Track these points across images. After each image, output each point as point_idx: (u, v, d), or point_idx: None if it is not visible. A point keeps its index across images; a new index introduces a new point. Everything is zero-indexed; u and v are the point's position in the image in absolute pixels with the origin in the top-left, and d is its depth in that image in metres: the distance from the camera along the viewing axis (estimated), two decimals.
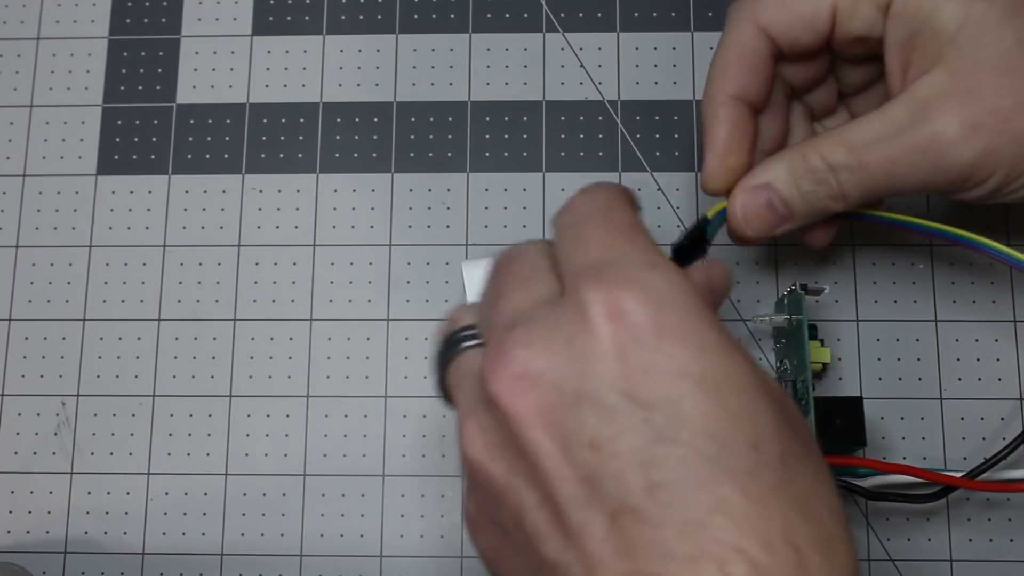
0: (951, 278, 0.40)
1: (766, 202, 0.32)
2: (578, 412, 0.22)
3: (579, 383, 0.23)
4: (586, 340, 0.23)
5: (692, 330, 0.23)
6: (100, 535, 0.39)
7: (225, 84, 0.43)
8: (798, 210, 0.32)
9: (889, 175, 0.31)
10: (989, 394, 0.39)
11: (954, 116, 0.30)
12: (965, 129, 0.30)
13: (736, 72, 0.33)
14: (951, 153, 0.30)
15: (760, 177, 0.32)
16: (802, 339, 0.36)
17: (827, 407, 0.36)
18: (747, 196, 0.32)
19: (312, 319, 0.41)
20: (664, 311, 0.23)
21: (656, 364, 0.22)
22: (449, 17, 0.43)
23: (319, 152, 0.42)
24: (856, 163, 0.31)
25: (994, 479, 0.36)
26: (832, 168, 0.31)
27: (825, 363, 0.37)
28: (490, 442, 0.24)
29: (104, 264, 0.41)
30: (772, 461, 0.22)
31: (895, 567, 0.38)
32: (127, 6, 0.44)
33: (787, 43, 0.33)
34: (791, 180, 0.32)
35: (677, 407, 0.22)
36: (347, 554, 0.39)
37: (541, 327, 0.23)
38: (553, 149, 0.42)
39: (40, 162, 0.43)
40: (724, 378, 0.23)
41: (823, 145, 0.31)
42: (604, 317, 0.23)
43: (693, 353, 0.23)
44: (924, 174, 0.31)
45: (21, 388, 0.41)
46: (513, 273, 0.26)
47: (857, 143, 0.31)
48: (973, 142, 0.30)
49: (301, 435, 0.40)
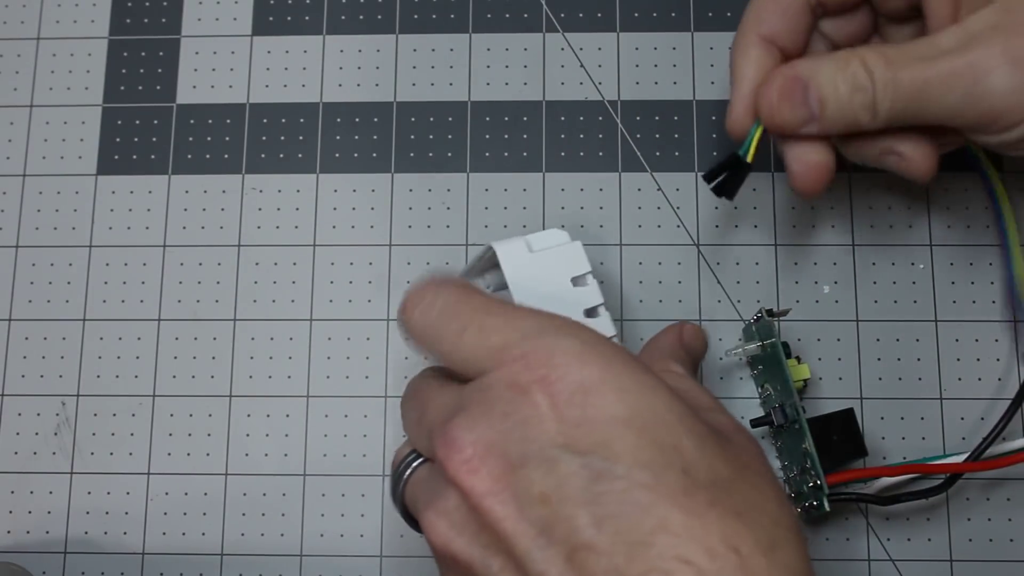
0: (951, 278, 0.40)
1: (802, 92, 0.32)
2: (525, 472, 0.25)
3: (522, 446, 0.25)
4: (521, 409, 0.25)
5: (612, 377, 0.25)
6: (100, 535, 0.39)
7: (225, 84, 0.43)
8: (829, 111, 0.32)
9: (922, 95, 0.30)
10: (989, 394, 0.39)
11: (997, 47, 0.30)
12: (1005, 60, 0.29)
13: (771, 13, 0.33)
14: (986, 82, 0.30)
15: (802, 69, 0.32)
16: (780, 363, 0.36)
17: (821, 426, 0.36)
18: (786, 81, 0.32)
19: (312, 319, 0.41)
20: (584, 367, 0.25)
21: (585, 416, 0.25)
22: (449, 17, 0.43)
23: (319, 152, 0.42)
24: (891, 77, 0.31)
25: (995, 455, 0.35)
26: (871, 76, 0.31)
27: (806, 379, 0.37)
28: (452, 523, 0.26)
29: (104, 264, 0.41)
30: (703, 482, 0.24)
31: (895, 567, 0.38)
32: (127, 6, 0.44)
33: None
34: (831, 78, 0.31)
35: (610, 448, 0.24)
36: (347, 554, 0.39)
37: (477, 409, 0.26)
38: (553, 149, 0.42)
39: (40, 162, 0.43)
40: (648, 415, 0.25)
41: (867, 53, 0.31)
42: (532, 389, 0.25)
43: (615, 398, 0.25)
44: (956, 101, 0.30)
45: (21, 388, 0.41)
46: (425, 391, 0.29)
47: (896, 58, 0.31)
48: (1011, 75, 0.29)
49: (301, 435, 0.40)
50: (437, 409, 0.28)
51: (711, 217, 0.41)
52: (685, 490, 0.24)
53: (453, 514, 0.26)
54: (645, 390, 0.25)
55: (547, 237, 0.34)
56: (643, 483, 0.24)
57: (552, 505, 0.24)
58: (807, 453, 0.34)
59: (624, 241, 0.41)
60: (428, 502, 0.27)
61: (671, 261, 0.40)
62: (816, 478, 0.34)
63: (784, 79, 0.32)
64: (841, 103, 0.32)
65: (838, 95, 0.32)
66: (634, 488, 0.24)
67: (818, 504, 0.34)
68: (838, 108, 0.32)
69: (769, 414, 0.36)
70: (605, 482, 0.24)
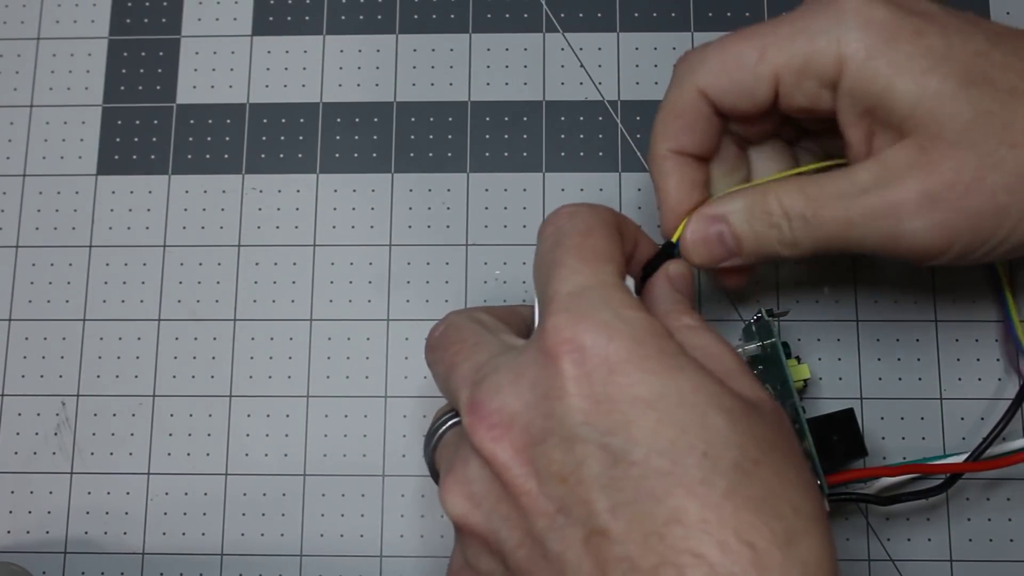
0: (951, 278, 0.40)
1: (717, 234, 0.32)
2: (545, 448, 0.25)
3: (544, 421, 0.25)
4: (547, 381, 0.25)
5: (639, 357, 0.25)
6: (100, 535, 0.39)
7: (225, 84, 0.43)
8: (747, 248, 0.32)
9: (843, 233, 0.31)
10: (989, 394, 0.39)
11: (915, 187, 0.29)
12: (923, 201, 0.29)
13: (676, 129, 0.33)
14: (907, 223, 0.30)
15: (717, 208, 0.32)
16: (780, 363, 0.36)
17: (821, 426, 0.36)
18: (700, 224, 0.33)
19: (312, 319, 0.41)
20: (612, 342, 0.25)
21: (609, 394, 0.24)
22: (449, 17, 0.43)
23: (319, 152, 0.42)
24: (811, 215, 0.31)
25: (995, 455, 0.35)
26: (787, 215, 0.31)
27: (806, 379, 0.37)
28: (471, 494, 0.26)
29: (104, 264, 0.41)
30: (724, 468, 0.24)
31: (895, 567, 0.38)
32: (127, 6, 0.44)
33: (728, 108, 0.32)
34: (746, 217, 0.32)
35: (630, 430, 0.24)
36: (347, 554, 0.39)
37: (506, 374, 0.26)
38: (553, 149, 0.42)
39: (40, 162, 0.43)
40: (672, 397, 0.24)
41: (784, 190, 0.31)
42: (560, 358, 0.25)
43: (640, 378, 0.25)
44: (880, 239, 0.30)
45: (21, 388, 0.41)
46: (460, 342, 0.29)
47: (817, 196, 0.31)
48: (930, 214, 0.29)
49: (301, 435, 0.40)
50: (469, 368, 0.28)
51: None
52: (703, 478, 0.23)
53: (474, 483, 0.26)
54: (672, 371, 0.25)
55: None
56: (660, 470, 0.24)
57: (570, 485, 0.24)
58: (807, 453, 0.34)
59: None
60: (450, 468, 0.27)
61: None
62: (816, 478, 0.34)
63: (699, 222, 0.33)
64: (759, 240, 0.32)
65: (755, 234, 0.32)
66: (650, 475, 0.24)
67: None
68: (756, 245, 0.32)
69: None
70: (623, 467, 0.24)
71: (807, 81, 0.31)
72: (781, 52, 0.31)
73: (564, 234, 0.28)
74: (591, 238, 0.28)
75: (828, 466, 0.35)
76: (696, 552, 0.23)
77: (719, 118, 0.33)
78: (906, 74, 0.29)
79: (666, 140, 0.33)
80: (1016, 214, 0.30)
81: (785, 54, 0.31)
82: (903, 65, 0.29)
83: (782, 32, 0.31)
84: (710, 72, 0.32)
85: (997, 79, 0.29)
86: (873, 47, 0.29)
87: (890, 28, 0.29)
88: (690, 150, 0.33)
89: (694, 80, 0.32)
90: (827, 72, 0.30)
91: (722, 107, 0.32)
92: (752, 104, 0.32)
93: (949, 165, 0.29)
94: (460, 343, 0.29)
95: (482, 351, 0.28)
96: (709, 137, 0.33)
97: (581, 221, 0.29)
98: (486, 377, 0.26)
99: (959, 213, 0.29)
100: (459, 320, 0.30)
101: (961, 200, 0.29)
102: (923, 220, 0.30)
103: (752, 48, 0.31)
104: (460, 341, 0.29)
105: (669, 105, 0.33)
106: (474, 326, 0.30)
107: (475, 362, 0.28)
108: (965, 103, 0.29)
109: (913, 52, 0.29)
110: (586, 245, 0.28)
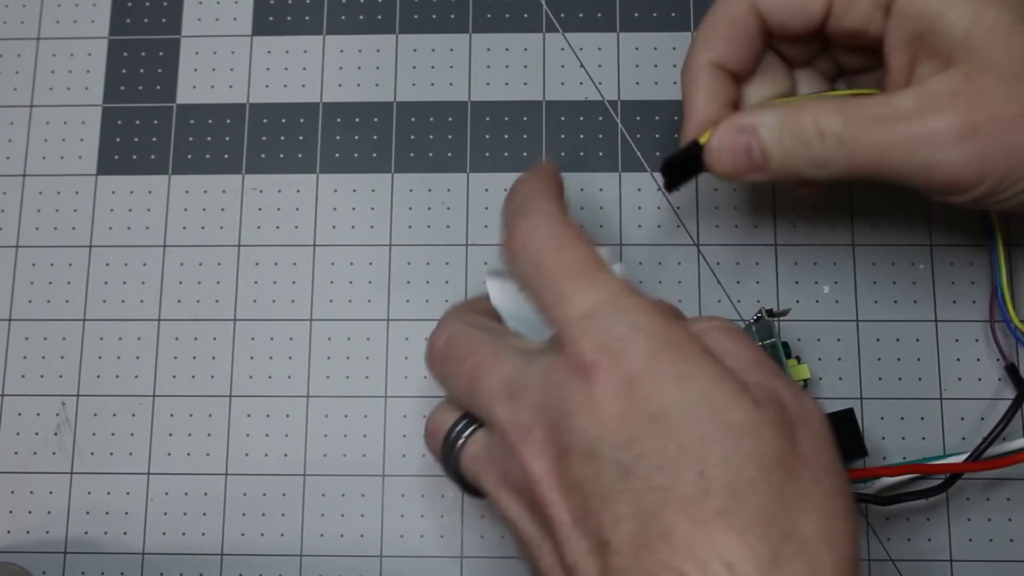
0: (951, 278, 0.40)
1: (745, 145, 0.31)
2: (568, 462, 0.25)
3: (570, 436, 0.25)
4: (574, 395, 0.26)
5: (652, 371, 0.25)
6: (100, 535, 0.39)
7: (225, 84, 0.43)
8: (774, 164, 0.31)
9: (879, 158, 0.30)
10: (989, 394, 0.39)
11: (957, 117, 0.29)
12: (965, 131, 0.29)
13: (719, 40, 0.33)
14: (944, 153, 0.29)
15: (748, 119, 0.32)
16: (780, 363, 0.36)
17: None
18: (729, 134, 0.32)
19: (312, 319, 0.41)
20: (629, 357, 0.25)
21: (624, 409, 0.25)
22: (449, 17, 0.43)
23: (319, 152, 0.42)
24: (849, 136, 0.30)
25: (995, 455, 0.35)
26: (822, 134, 0.30)
27: (806, 379, 0.37)
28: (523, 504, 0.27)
29: (104, 264, 0.41)
30: (718, 488, 0.24)
31: (895, 567, 0.38)
32: (127, 6, 0.44)
33: (776, 23, 0.32)
34: (777, 132, 0.31)
35: (638, 444, 0.25)
36: (347, 554, 0.39)
37: (538, 393, 0.26)
38: (553, 149, 0.42)
39: (40, 162, 0.43)
40: (677, 411, 0.25)
41: (821, 108, 0.31)
42: (585, 376, 0.26)
43: (651, 392, 0.25)
44: (914, 167, 0.30)
45: (21, 388, 0.41)
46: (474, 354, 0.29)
47: (855, 116, 0.30)
48: (968, 146, 0.29)
49: (301, 435, 0.40)
50: (498, 381, 0.28)
51: (711, 217, 0.41)
52: (696, 497, 0.24)
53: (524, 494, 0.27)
54: (682, 381, 0.25)
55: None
56: (659, 485, 0.24)
57: (586, 496, 0.25)
58: None
59: (624, 241, 0.41)
60: (500, 481, 0.28)
61: (671, 261, 0.40)
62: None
63: (728, 131, 0.32)
64: (788, 157, 0.31)
65: (784, 150, 0.31)
66: (650, 490, 0.24)
67: None
68: (784, 161, 0.31)
69: None
70: (629, 480, 0.24)
71: (862, 2, 0.31)
72: None
73: (539, 256, 0.28)
74: (568, 250, 0.28)
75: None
76: (679, 570, 0.23)
77: (763, 38, 0.33)
78: (964, 1, 0.29)
79: (706, 49, 0.33)
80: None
81: None
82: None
83: None
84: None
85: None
86: None
87: None
88: (729, 65, 0.33)
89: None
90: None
91: (772, 22, 0.32)
92: (803, 21, 0.31)
93: (995, 98, 0.29)
94: (475, 355, 0.29)
95: (503, 363, 0.28)
96: (750, 54, 0.33)
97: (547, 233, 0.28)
98: (517, 395, 0.27)
99: (998, 148, 0.29)
100: (461, 328, 0.30)
101: (1002, 134, 0.29)
102: (961, 151, 0.29)
103: None
104: (474, 353, 0.29)
105: (718, 14, 0.33)
106: (480, 334, 0.30)
107: (500, 376, 0.28)
108: (1019, 37, 0.29)
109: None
110: (570, 261, 0.28)
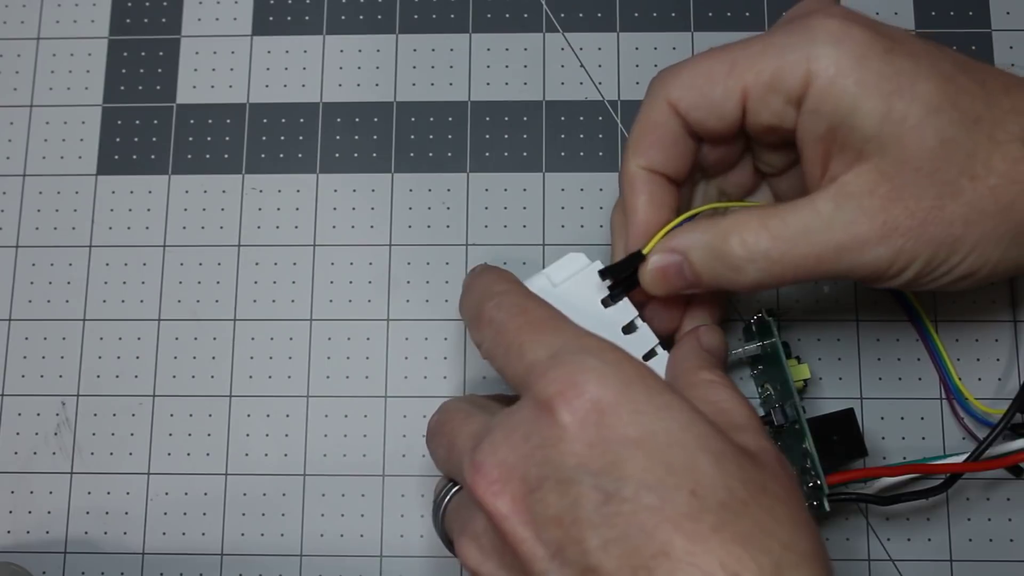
0: None
1: (677, 267, 0.32)
2: (542, 494, 0.25)
3: (540, 468, 0.25)
4: (542, 431, 0.26)
5: (628, 398, 0.26)
6: (100, 535, 0.39)
7: (225, 84, 0.43)
8: (706, 282, 0.32)
9: (809, 269, 0.30)
10: (989, 394, 0.39)
11: (876, 218, 0.29)
12: (885, 231, 0.29)
13: (648, 146, 0.33)
14: (868, 252, 0.30)
15: (679, 242, 0.32)
16: (780, 364, 0.36)
17: (821, 426, 0.36)
18: (661, 257, 0.32)
19: (312, 319, 0.41)
20: (602, 388, 0.26)
21: (602, 436, 0.25)
22: (449, 17, 0.43)
23: (319, 152, 0.42)
24: (779, 254, 0.30)
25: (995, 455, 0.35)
26: (751, 256, 0.31)
27: (806, 379, 0.37)
28: (481, 547, 0.27)
29: (104, 264, 0.41)
30: (711, 506, 0.24)
31: (895, 567, 0.38)
32: (127, 6, 0.44)
33: (696, 122, 0.32)
34: (706, 256, 0.32)
35: (620, 469, 0.25)
36: (347, 554, 0.39)
37: (500, 433, 0.27)
38: (553, 149, 0.42)
39: (40, 162, 0.43)
40: (661, 436, 0.25)
41: (746, 229, 0.31)
42: (554, 409, 0.26)
43: (629, 419, 0.25)
44: (841, 268, 0.30)
45: (21, 388, 0.41)
46: (449, 424, 0.30)
47: (783, 234, 0.30)
48: (889, 242, 0.29)
49: (301, 435, 0.40)
50: (465, 438, 0.29)
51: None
52: (691, 514, 0.24)
53: (482, 538, 0.27)
54: (661, 410, 0.26)
55: (566, 265, 0.34)
56: (649, 506, 0.24)
57: (565, 527, 0.25)
58: (807, 453, 0.34)
59: None
60: (461, 528, 0.29)
61: None
62: (816, 478, 0.34)
63: (660, 255, 0.32)
64: (718, 278, 0.32)
65: (714, 271, 0.32)
66: (640, 511, 0.24)
67: (818, 504, 0.34)
68: (716, 282, 0.32)
69: (769, 414, 0.36)
70: (615, 504, 0.24)
71: (773, 96, 0.30)
72: (750, 66, 0.31)
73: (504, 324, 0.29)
74: (528, 312, 0.29)
75: (828, 466, 0.35)
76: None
77: (692, 139, 0.33)
78: (874, 94, 0.29)
79: (636, 156, 0.33)
80: (969, 246, 0.30)
81: (754, 68, 0.30)
82: (871, 85, 0.29)
83: (753, 48, 0.31)
84: (681, 85, 0.32)
85: (962, 106, 0.29)
86: (842, 65, 0.29)
87: (861, 47, 0.29)
88: (661, 169, 0.33)
89: (665, 93, 0.32)
90: (794, 88, 0.30)
91: (691, 122, 0.32)
92: (720, 120, 0.32)
93: (911, 192, 0.29)
94: (451, 422, 0.30)
95: (475, 422, 0.29)
96: (680, 156, 0.33)
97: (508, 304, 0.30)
98: (483, 439, 0.27)
99: (919, 240, 0.29)
100: (452, 404, 0.32)
101: (921, 227, 0.29)
102: (884, 248, 0.30)
103: (722, 62, 0.31)
104: (451, 420, 0.30)
105: (642, 119, 0.33)
106: (466, 406, 0.31)
107: (469, 431, 0.29)
108: (930, 129, 0.29)
109: (882, 72, 0.29)
110: (531, 320, 0.29)
